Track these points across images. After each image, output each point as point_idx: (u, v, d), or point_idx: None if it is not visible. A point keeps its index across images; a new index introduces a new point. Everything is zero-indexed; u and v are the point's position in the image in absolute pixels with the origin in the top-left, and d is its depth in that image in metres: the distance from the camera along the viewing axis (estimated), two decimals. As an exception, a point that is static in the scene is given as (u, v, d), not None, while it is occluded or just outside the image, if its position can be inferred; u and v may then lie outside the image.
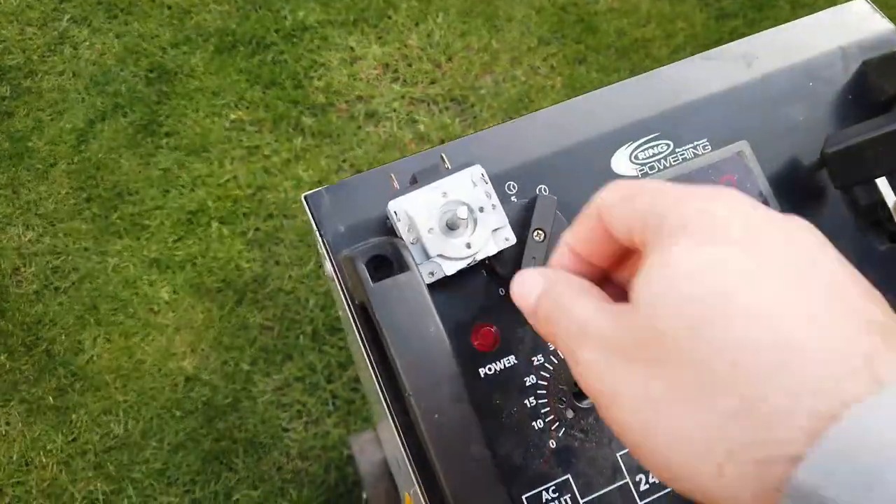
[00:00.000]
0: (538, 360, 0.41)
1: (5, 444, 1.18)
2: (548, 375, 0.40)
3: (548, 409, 0.40)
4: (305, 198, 0.42)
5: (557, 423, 0.40)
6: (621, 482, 0.40)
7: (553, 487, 0.39)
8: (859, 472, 0.17)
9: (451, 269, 0.39)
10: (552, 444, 0.40)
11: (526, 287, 0.29)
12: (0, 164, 1.40)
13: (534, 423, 0.40)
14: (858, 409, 0.18)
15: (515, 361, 0.41)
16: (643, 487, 0.40)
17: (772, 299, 0.20)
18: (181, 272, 1.29)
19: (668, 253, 0.22)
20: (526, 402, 0.40)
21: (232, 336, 1.24)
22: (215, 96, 1.45)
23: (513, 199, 0.42)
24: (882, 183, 0.44)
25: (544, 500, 0.39)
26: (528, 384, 0.40)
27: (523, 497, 0.39)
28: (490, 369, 0.40)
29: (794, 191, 0.44)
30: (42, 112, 1.45)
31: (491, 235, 0.38)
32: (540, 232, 0.39)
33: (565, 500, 0.39)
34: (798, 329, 0.19)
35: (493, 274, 0.41)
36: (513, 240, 0.39)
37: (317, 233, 0.41)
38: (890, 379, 0.18)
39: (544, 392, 0.40)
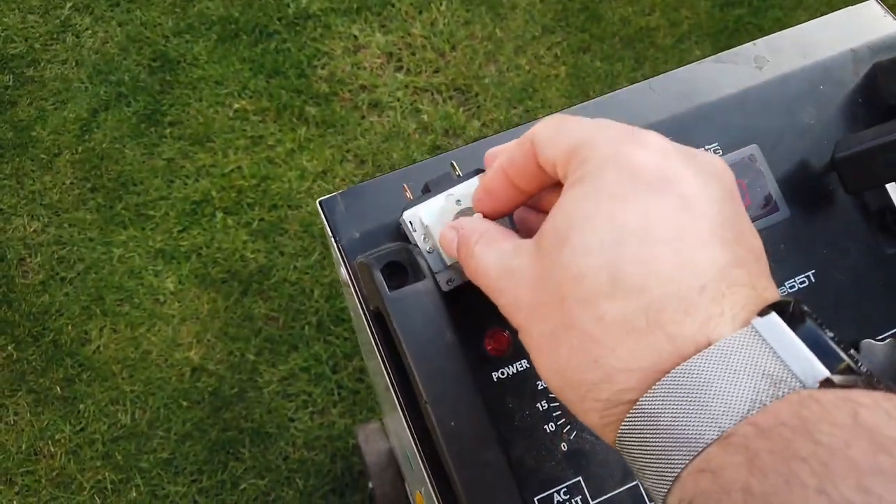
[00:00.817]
0: (550, 364, 0.41)
1: (14, 433, 1.19)
2: (560, 379, 0.41)
3: (559, 412, 0.41)
4: (321, 203, 0.42)
5: (569, 426, 0.41)
6: (631, 483, 0.41)
7: (564, 489, 0.40)
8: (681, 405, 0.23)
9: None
10: (564, 446, 0.40)
11: (444, 241, 0.34)
12: (4, 153, 1.40)
13: (546, 426, 0.40)
14: (680, 368, 0.23)
15: (528, 365, 0.41)
16: (653, 489, 0.41)
17: (641, 279, 0.24)
18: (186, 263, 1.30)
19: (575, 206, 0.26)
20: (538, 405, 0.41)
21: (237, 327, 1.25)
22: (218, 85, 1.45)
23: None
24: (892, 188, 0.44)
25: (556, 502, 0.40)
26: (539, 388, 0.41)
27: (535, 499, 0.40)
28: (503, 373, 0.41)
29: (804, 194, 0.45)
30: (45, 101, 1.44)
31: (505, 241, 0.39)
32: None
33: (576, 502, 0.40)
34: (646, 313, 0.24)
35: (506, 279, 0.41)
36: (527, 245, 0.39)
37: (331, 238, 0.41)
38: (717, 337, 0.23)
39: (556, 395, 0.41)
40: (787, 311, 0.23)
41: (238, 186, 1.36)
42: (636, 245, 0.24)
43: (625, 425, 0.24)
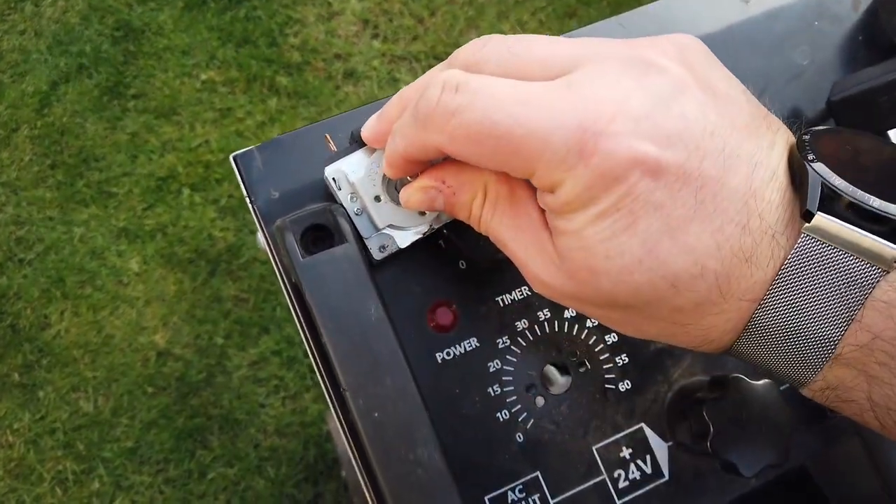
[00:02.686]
0: (503, 343, 0.36)
1: (-30, 423, 1.14)
2: (514, 360, 0.36)
3: (514, 397, 0.35)
4: (234, 158, 0.36)
5: (525, 414, 0.35)
6: (597, 479, 0.35)
7: (520, 487, 0.35)
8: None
9: (404, 240, 0.33)
10: (519, 437, 0.35)
11: (420, 202, 0.29)
12: (-42, 130, 1.33)
13: (498, 415, 0.35)
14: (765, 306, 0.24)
15: (478, 344, 0.36)
16: (622, 485, 0.36)
17: (696, 267, 0.23)
18: (151, 242, 1.24)
19: (582, 234, 0.24)
20: (489, 390, 0.35)
21: (205, 308, 1.19)
22: (185, 55, 1.38)
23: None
24: (894, 134, 0.39)
25: (510, 501, 0.35)
26: (491, 370, 0.35)
27: (486, 498, 0.34)
28: (448, 353, 0.35)
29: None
30: (3, 74, 1.37)
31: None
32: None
33: (534, 500, 0.35)
34: (719, 288, 0.24)
35: (452, 245, 0.35)
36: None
37: (247, 199, 0.36)
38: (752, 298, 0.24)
39: (510, 378, 0.35)
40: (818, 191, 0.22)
41: (205, 161, 1.29)
42: (669, 239, 0.23)
43: (733, 351, 0.26)
